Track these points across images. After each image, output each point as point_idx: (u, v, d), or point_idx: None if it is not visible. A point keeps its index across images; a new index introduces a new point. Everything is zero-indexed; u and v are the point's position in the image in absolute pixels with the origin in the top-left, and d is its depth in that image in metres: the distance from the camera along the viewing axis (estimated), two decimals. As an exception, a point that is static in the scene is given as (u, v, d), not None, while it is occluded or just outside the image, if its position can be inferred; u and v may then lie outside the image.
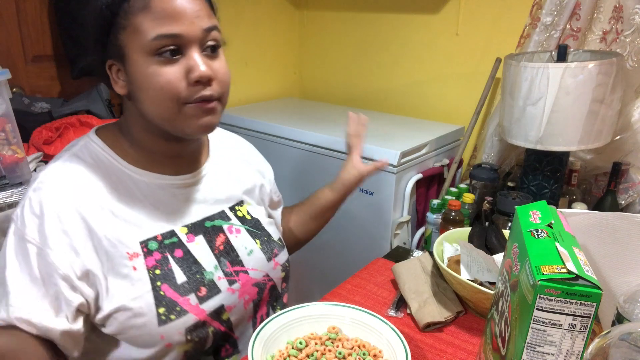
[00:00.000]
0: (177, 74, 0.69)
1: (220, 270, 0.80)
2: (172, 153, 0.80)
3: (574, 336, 0.53)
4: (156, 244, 0.76)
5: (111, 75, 0.73)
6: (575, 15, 1.44)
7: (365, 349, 0.76)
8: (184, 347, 0.75)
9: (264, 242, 0.90)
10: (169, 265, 0.75)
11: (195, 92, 0.71)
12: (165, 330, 0.72)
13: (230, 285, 0.81)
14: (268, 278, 0.88)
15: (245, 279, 0.84)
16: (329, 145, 1.60)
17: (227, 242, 0.84)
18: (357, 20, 2.04)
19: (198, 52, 0.70)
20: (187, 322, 0.74)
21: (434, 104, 1.91)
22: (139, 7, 0.67)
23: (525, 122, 1.26)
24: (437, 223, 1.40)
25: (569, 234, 0.61)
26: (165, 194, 0.79)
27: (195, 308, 0.75)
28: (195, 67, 0.69)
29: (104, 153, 0.76)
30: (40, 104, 1.48)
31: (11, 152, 1.17)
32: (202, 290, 0.77)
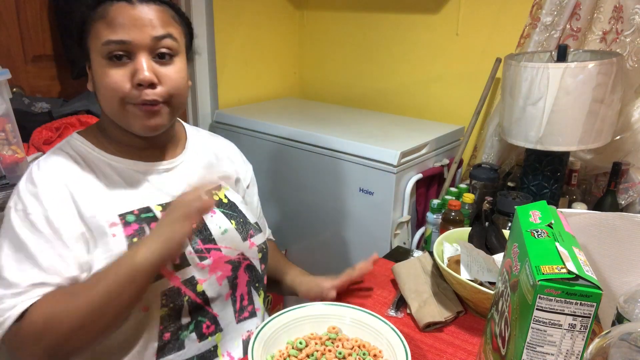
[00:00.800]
0: (122, 76, 0.77)
1: (190, 246, 0.84)
2: (141, 145, 0.87)
3: (574, 336, 0.53)
4: (133, 217, 0.82)
5: (89, 74, 0.84)
6: (575, 15, 1.44)
7: (365, 349, 0.76)
8: (160, 312, 0.79)
9: (239, 223, 0.93)
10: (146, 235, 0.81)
11: (139, 95, 0.77)
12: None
13: (201, 261, 0.84)
14: (243, 257, 0.91)
15: (218, 255, 0.87)
16: (328, 146, 1.60)
17: (201, 222, 0.88)
18: (357, 20, 2.03)
19: (146, 57, 0.77)
20: (163, 285, 0.79)
21: (434, 104, 1.91)
22: (99, 16, 0.77)
23: (525, 122, 1.26)
24: (437, 223, 1.40)
25: (569, 234, 0.61)
26: (141, 177, 0.87)
27: (171, 274, 0.80)
28: (139, 71, 0.76)
29: (84, 146, 0.85)
30: (40, 104, 1.48)
31: (11, 152, 1.17)
32: (177, 259, 0.82)
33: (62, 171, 0.81)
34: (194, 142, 0.98)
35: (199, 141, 0.99)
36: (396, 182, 1.47)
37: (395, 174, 1.46)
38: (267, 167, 1.77)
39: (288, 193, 1.76)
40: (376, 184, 1.51)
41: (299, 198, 1.75)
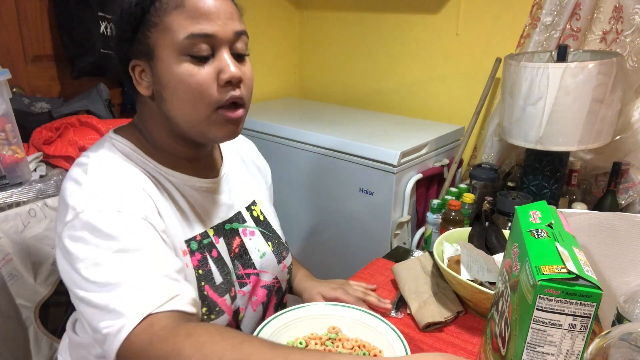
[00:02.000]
0: (209, 76, 0.68)
1: (233, 273, 0.81)
2: (190, 156, 0.79)
3: (574, 336, 0.53)
4: (196, 244, 0.76)
5: (134, 76, 0.72)
6: (575, 15, 1.44)
7: (365, 349, 0.76)
8: None
9: (275, 245, 0.90)
10: (209, 266, 0.76)
11: (226, 94, 0.69)
12: None
13: (241, 288, 0.82)
14: (276, 280, 0.89)
15: (255, 281, 0.85)
16: (328, 146, 1.60)
17: (242, 245, 0.84)
18: (357, 20, 2.03)
19: (228, 53, 0.69)
20: (223, 321, 0.76)
21: (434, 104, 1.91)
22: (172, 6, 0.66)
23: (525, 122, 1.26)
24: (437, 223, 1.40)
25: (569, 234, 0.61)
26: (196, 195, 0.79)
27: (229, 308, 0.77)
28: (226, 68, 0.68)
29: (135, 153, 0.74)
30: (40, 104, 1.48)
31: (11, 152, 1.17)
32: (232, 290, 0.79)
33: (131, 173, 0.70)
34: (228, 149, 0.91)
35: (230, 146, 0.92)
36: (396, 182, 1.47)
37: (395, 174, 1.46)
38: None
39: (288, 193, 1.76)
40: (376, 184, 1.51)
41: (299, 198, 1.75)
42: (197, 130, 0.71)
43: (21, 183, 1.17)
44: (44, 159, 1.32)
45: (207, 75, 0.68)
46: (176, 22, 0.66)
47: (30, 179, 1.19)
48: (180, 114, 0.70)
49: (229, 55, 0.69)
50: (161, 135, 0.75)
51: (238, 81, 0.70)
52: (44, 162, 1.31)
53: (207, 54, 0.68)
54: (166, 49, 0.67)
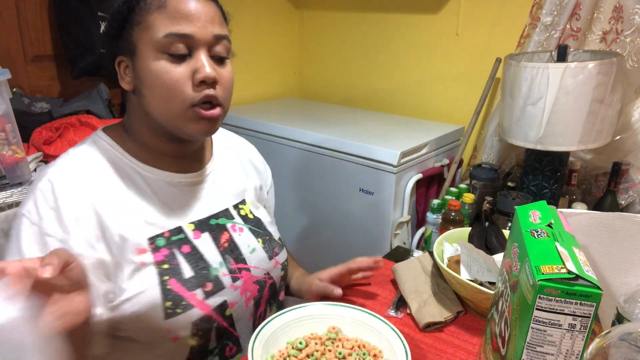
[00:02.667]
0: (184, 74, 0.71)
1: (225, 267, 0.81)
2: (174, 153, 0.81)
3: (574, 336, 0.53)
4: (164, 240, 0.77)
5: (119, 71, 0.76)
6: (575, 15, 1.44)
7: (365, 349, 0.76)
8: (190, 342, 0.76)
9: (265, 241, 0.91)
10: (176, 261, 0.77)
11: (200, 93, 0.72)
12: (171, 323, 0.73)
13: (234, 282, 0.82)
14: (268, 276, 0.89)
15: (247, 276, 0.85)
16: (329, 145, 1.60)
17: (231, 240, 0.85)
18: (357, 20, 2.03)
19: (206, 54, 0.72)
20: (193, 316, 0.75)
21: (434, 104, 1.91)
22: (155, 6, 0.70)
23: (525, 122, 1.26)
24: (437, 223, 1.40)
25: (569, 234, 0.61)
26: (174, 191, 0.81)
27: (201, 303, 0.76)
28: (202, 68, 0.71)
29: (113, 150, 0.78)
30: (40, 104, 1.48)
31: (11, 152, 1.17)
32: (208, 285, 0.78)
33: (89, 184, 0.73)
34: (219, 147, 0.93)
35: (223, 146, 0.94)
36: (396, 182, 1.47)
37: (395, 174, 1.46)
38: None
39: (288, 193, 1.76)
40: (376, 184, 1.51)
41: (299, 198, 1.75)
42: (173, 125, 0.74)
43: (21, 183, 1.17)
44: (44, 159, 1.32)
45: (182, 73, 0.71)
46: (157, 21, 0.70)
47: (30, 179, 1.19)
48: (157, 110, 0.74)
49: (206, 56, 0.72)
50: (143, 131, 0.79)
51: (212, 82, 0.73)
52: (44, 162, 1.31)
53: (183, 53, 0.71)
54: (146, 46, 0.71)
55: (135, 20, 0.71)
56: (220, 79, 0.74)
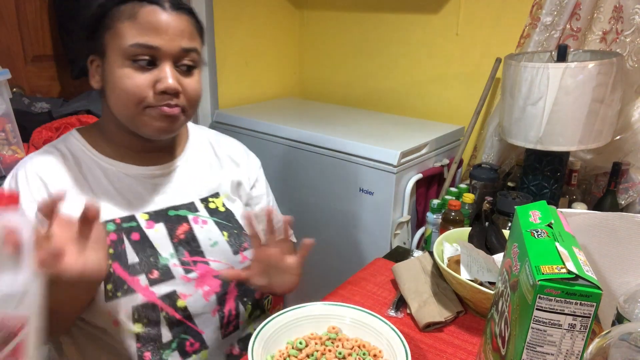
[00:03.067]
0: (146, 82, 0.75)
1: (176, 258, 0.82)
2: (140, 148, 0.85)
3: (574, 336, 0.53)
4: (114, 225, 0.80)
5: (90, 69, 0.81)
6: (575, 15, 1.44)
7: (365, 349, 0.76)
8: (133, 329, 0.77)
9: (232, 235, 0.90)
10: (123, 246, 0.79)
11: (161, 101, 0.76)
12: (111, 306, 0.75)
13: (186, 274, 0.82)
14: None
15: (205, 269, 0.85)
16: (328, 146, 1.60)
17: (190, 232, 0.86)
18: (357, 20, 2.03)
19: (170, 66, 0.76)
20: (134, 300, 0.77)
21: (434, 104, 1.91)
22: (126, 15, 0.74)
23: (525, 122, 1.26)
24: (437, 223, 1.40)
25: (569, 234, 0.61)
26: (131, 182, 0.84)
27: (145, 289, 0.78)
28: (164, 79, 0.75)
29: (79, 144, 0.83)
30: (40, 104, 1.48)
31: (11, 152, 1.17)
32: (155, 273, 0.80)
33: (46, 171, 0.79)
34: (195, 143, 0.95)
35: (200, 142, 0.96)
36: (396, 182, 1.47)
37: (395, 174, 1.46)
38: (267, 167, 1.76)
39: (288, 193, 1.76)
40: (376, 184, 1.51)
41: (299, 198, 1.75)
42: (133, 126, 0.79)
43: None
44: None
45: (144, 81, 0.75)
46: (127, 30, 0.74)
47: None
48: (117, 110, 0.79)
49: (170, 68, 0.76)
50: (111, 127, 0.83)
51: (174, 92, 0.76)
52: (44, 162, 1.31)
53: (147, 63, 0.75)
54: (114, 51, 0.75)
55: (107, 24, 0.75)
56: (185, 89, 0.78)
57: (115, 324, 0.76)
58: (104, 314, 0.76)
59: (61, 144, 0.84)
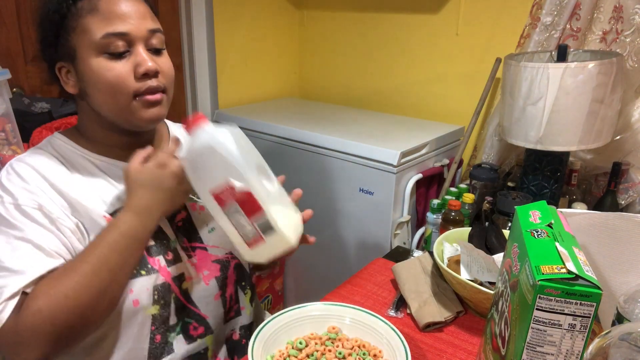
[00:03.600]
0: (125, 69, 0.74)
1: (177, 243, 0.84)
2: (126, 145, 0.84)
3: (574, 336, 0.53)
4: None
5: (61, 77, 0.79)
6: (575, 15, 1.44)
7: (365, 349, 0.76)
8: (151, 310, 0.78)
9: None
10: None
11: (143, 85, 0.76)
12: (135, 284, 0.75)
13: (189, 259, 0.84)
14: (231, 256, 0.90)
15: (203, 254, 0.86)
16: (328, 146, 1.60)
17: (188, 219, 0.87)
18: (357, 20, 2.03)
19: (144, 48, 0.76)
20: (156, 280, 0.78)
21: (434, 104, 1.91)
22: (87, 10, 0.73)
23: (525, 122, 1.26)
24: (437, 223, 1.40)
25: (569, 234, 0.61)
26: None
27: (164, 269, 0.79)
28: (143, 62, 0.75)
29: (66, 145, 0.82)
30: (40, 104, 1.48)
31: (11, 152, 1.17)
32: (169, 254, 0.81)
33: (46, 169, 0.77)
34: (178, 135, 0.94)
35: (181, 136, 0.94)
36: (396, 182, 1.47)
37: (395, 174, 1.46)
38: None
39: (288, 193, 1.76)
40: (376, 184, 1.51)
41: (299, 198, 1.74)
42: (122, 118, 0.78)
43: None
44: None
45: (124, 68, 0.74)
46: (92, 24, 0.73)
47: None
48: (104, 106, 0.77)
49: (144, 50, 0.76)
50: (94, 129, 0.82)
51: (154, 73, 0.77)
52: (44, 162, 1.31)
53: (123, 50, 0.74)
54: (85, 48, 0.74)
55: (70, 26, 0.74)
56: (162, 68, 0.78)
57: (135, 304, 0.76)
58: (125, 292, 0.75)
59: (46, 145, 0.82)
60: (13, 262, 0.68)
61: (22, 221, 0.71)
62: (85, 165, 0.81)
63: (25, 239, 0.70)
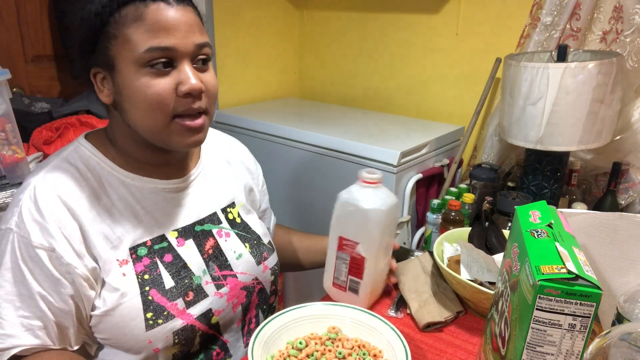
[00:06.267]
0: (168, 86, 0.69)
1: (208, 274, 0.81)
2: (160, 162, 0.80)
3: (574, 336, 0.53)
4: (145, 249, 0.76)
5: (95, 83, 0.73)
6: (575, 15, 1.44)
7: (365, 349, 0.76)
8: (172, 350, 0.76)
9: (253, 246, 0.90)
10: (158, 271, 0.76)
11: (185, 105, 0.71)
12: (152, 334, 0.73)
13: (218, 290, 0.81)
14: (257, 281, 0.89)
15: (234, 282, 0.84)
16: (329, 146, 1.60)
17: (217, 247, 0.84)
18: (357, 20, 2.03)
19: (189, 65, 0.71)
20: (175, 326, 0.75)
21: (434, 104, 1.91)
22: (131, 18, 0.67)
23: (525, 122, 1.26)
24: (437, 223, 1.40)
25: (569, 234, 0.61)
26: (157, 198, 0.80)
27: (182, 312, 0.76)
28: (186, 80, 0.69)
29: (95, 157, 0.76)
30: (40, 104, 1.48)
31: (11, 152, 1.17)
32: (190, 294, 0.78)
33: (70, 196, 0.72)
34: (207, 148, 0.92)
35: (211, 147, 0.93)
36: (396, 182, 1.47)
37: (395, 174, 1.46)
38: (268, 167, 1.76)
39: (288, 193, 1.76)
40: (376, 184, 1.51)
41: (299, 198, 1.74)
42: (158, 139, 0.73)
43: (21, 183, 1.17)
44: (44, 159, 1.32)
45: (166, 86, 0.69)
46: (135, 35, 0.67)
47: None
48: (140, 124, 0.72)
49: (189, 67, 0.70)
50: (126, 142, 0.77)
51: (199, 92, 0.71)
52: (44, 162, 1.31)
53: (166, 65, 0.69)
54: (125, 61, 0.68)
55: (111, 33, 0.68)
56: (206, 87, 0.72)
57: (155, 351, 0.74)
58: (144, 343, 0.73)
59: (74, 156, 0.76)
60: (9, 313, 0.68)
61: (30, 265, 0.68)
62: (114, 184, 0.76)
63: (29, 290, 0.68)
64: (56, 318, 0.70)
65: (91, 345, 0.78)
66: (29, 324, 0.68)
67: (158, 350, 0.74)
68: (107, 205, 0.75)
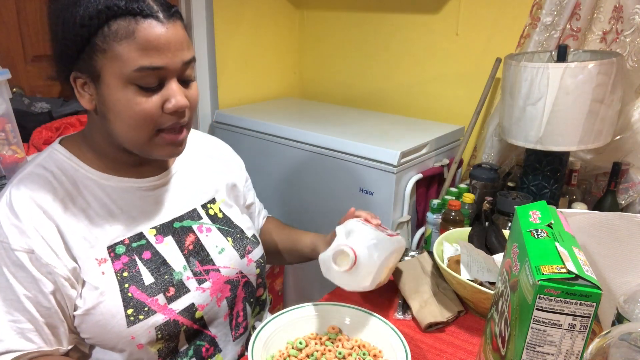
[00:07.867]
0: (155, 104, 0.71)
1: (189, 270, 0.81)
2: (135, 162, 0.82)
3: (574, 336, 0.53)
4: (123, 247, 0.77)
5: (75, 87, 0.74)
6: (575, 15, 1.44)
7: (365, 349, 0.76)
8: (156, 346, 0.77)
9: (236, 240, 0.90)
10: (137, 268, 0.77)
11: (170, 120, 0.73)
12: (134, 330, 0.74)
13: (200, 285, 0.82)
14: (241, 275, 0.89)
15: (217, 277, 0.85)
16: (328, 146, 1.60)
17: (197, 242, 0.85)
18: (357, 20, 2.03)
19: (176, 83, 0.72)
20: (157, 321, 0.75)
21: (434, 104, 1.91)
22: (122, 35, 0.67)
23: (525, 122, 1.26)
24: (437, 223, 1.40)
25: (569, 234, 0.62)
26: (133, 197, 0.81)
27: (164, 308, 0.77)
28: (174, 98, 0.71)
29: (69, 161, 0.78)
30: (40, 104, 1.48)
31: (11, 152, 1.17)
32: (171, 290, 0.78)
33: (45, 200, 0.73)
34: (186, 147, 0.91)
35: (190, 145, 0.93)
36: (396, 182, 1.47)
37: (395, 174, 1.46)
38: (267, 167, 1.77)
39: (288, 193, 1.76)
40: (376, 184, 1.51)
41: (299, 198, 1.74)
42: (140, 150, 0.76)
43: (21, 183, 1.17)
44: (44, 159, 1.32)
45: (154, 104, 0.70)
46: (126, 53, 0.67)
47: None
48: (123, 136, 0.74)
49: (176, 84, 0.72)
50: (105, 146, 0.79)
51: (184, 110, 0.74)
52: (44, 162, 1.31)
53: (154, 85, 0.70)
54: (114, 76, 0.69)
55: (99, 46, 0.68)
56: (190, 103, 0.75)
57: (139, 347, 0.75)
58: (126, 339, 0.74)
59: (48, 161, 0.77)
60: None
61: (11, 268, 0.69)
62: (89, 186, 0.77)
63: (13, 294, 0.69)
64: (45, 319, 0.71)
65: (84, 345, 0.78)
66: (20, 328, 0.69)
67: (142, 346, 0.75)
68: (82, 206, 0.76)
